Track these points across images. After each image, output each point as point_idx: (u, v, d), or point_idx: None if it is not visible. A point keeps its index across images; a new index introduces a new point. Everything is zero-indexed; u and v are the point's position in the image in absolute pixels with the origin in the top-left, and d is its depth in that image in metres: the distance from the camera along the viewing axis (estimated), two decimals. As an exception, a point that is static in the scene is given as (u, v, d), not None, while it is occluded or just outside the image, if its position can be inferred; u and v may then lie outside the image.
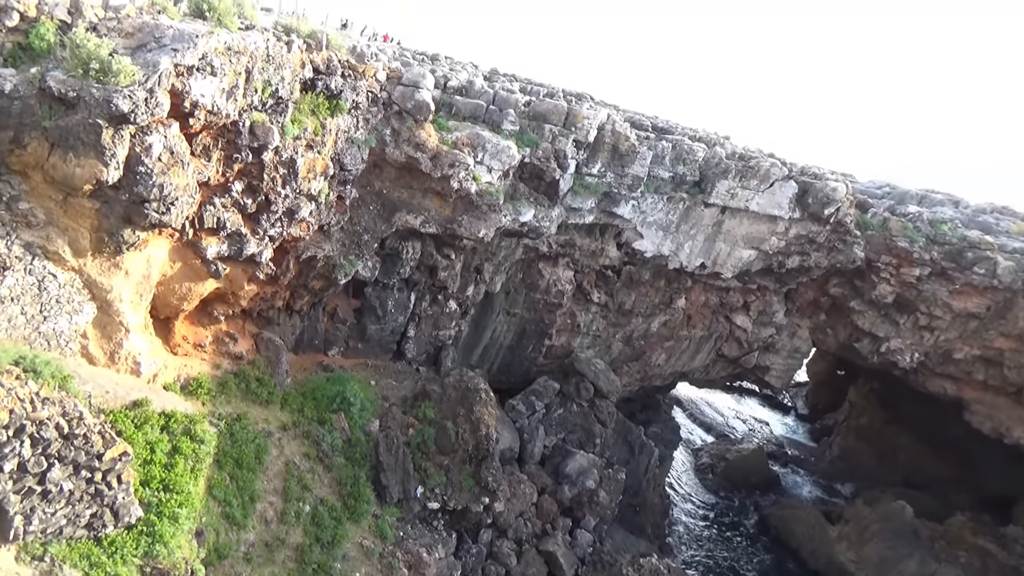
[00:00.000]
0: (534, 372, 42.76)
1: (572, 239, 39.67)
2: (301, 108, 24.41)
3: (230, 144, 21.85)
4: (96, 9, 18.08)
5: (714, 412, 69.76)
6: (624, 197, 38.25)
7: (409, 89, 29.45)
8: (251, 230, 24.00)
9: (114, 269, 19.74)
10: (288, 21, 24.66)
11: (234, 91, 20.41)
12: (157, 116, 18.04)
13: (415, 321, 35.89)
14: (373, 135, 28.77)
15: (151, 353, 22.38)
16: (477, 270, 37.03)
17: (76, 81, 16.59)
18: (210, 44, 18.89)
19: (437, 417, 31.80)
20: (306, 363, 31.69)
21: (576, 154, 35.43)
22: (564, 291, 40.62)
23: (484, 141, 31.19)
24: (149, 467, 19.51)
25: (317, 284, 29.91)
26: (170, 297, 23.30)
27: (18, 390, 15.22)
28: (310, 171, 25.22)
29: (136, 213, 18.83)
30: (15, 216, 17.54)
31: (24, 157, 17.15)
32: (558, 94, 39.75)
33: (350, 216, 29.52)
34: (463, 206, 31.67)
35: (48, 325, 18.37)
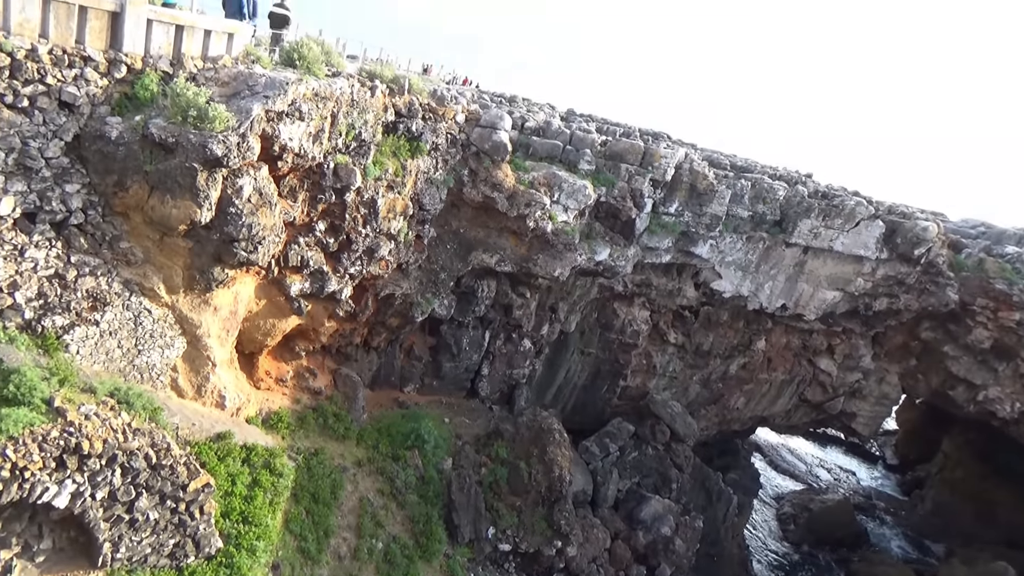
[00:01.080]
0: (608, 413, 42.09)
1: (648, 279, 39.20)
2: (383, 150, 25.12)
3: (315, 185, 22.63)
4: (196, 60, 19.13)
5: (796, 459, 66.90)
6: (702, 236, 37.67)
7: (487, 130, 29.95)
8: (332, 268, 24.65)
9: (204, 305, 20.54)
10: (372, 67, 25.54)
11: (320, 135, 21.18)
12: (248, 159, 18.83)
13: (489, 359, 35.96)
14: (451, 175, 29.31)
15: (235, 387, 23.07)
16: (552, 309, 36.95)
17: (175, 127, 17.51)
18: (299, 91, 19.69)
19: (510, 457, 31.56)
20: (382, 399, 32.07)
21: (653, 193, 35.19)
22: (640, 331, 40.05)
23: (560, 181, 31.34)
24: (230, 499, 19.95)
25: (394, 321, 30.39)
26: (255, 333, 24.06)
27: (112, 421, 15.88)
28: (390, 211, 25.81)
29: (226, 252, 19.60)
30: (116, 255, 18.51)
31: (126, 199, 18.14)
32: (634, 133, 39.74)
33: (428, 255, 30.02)
34: (539, 245, 31.78)
35: (142, 358, 19.18)
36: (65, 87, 16.70)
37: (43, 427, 14.42)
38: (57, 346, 17.23)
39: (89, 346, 17.84)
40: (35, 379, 15.33)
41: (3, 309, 16.50)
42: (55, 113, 16.81)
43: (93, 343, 17.93)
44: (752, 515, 51.69)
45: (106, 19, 17.13)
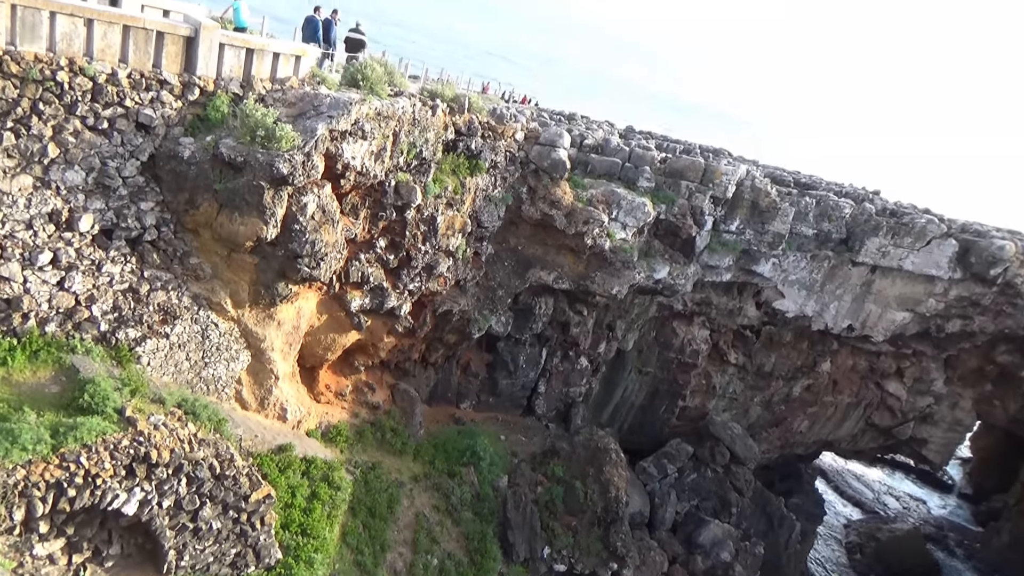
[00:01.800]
0: (666, 434, 41.36)
1: (708, 297, 38.55)
2: (443, 168, 25.42)
3: (376, 203, 23.03)
4: (264, 82, 19.75)
5: (863, 486, 64.45)
6: (764, 255, 36.89)
7: (546, 148, 30.02)
8: (392, 284, 24.98)
9: (268, 320, 21.04)
10: (433, 87, 25.96)
11: (382, 153, 21.57)
12: (312, 178, 19.30)
13: (546, 377, 35.82)
14: (510, 193, 29.45)
15: (297, 400, 23.52)
16: (609, 327, 36.64)
17: (244, 147, 18.07)
18: (362, 110, 20.11)
19: (566, 476, 31.27)
20: (439, 415, 32.24)
21: (713, 211, 34.66)
22: (699, 351, 39.36)
23: (619, 198, 31.16)
24: (289, 511, 20.28)
25: (452, 338, 30.58)
26: (316, 347, 24.52)
27: (179, 431, 16.34)
28: (449, 228, 26.06)
29: (290, 268, 20.07)
30: (186, 270, 19.15)
31: (196, 216, 18.78)
32: (694, 150, 39.29)
33: (485, 272, 30.16)
34: (597, 263, 31.61)
35: (208, 371, 19.74)
36: (142, 109, 17.43)
37: (115, 436, 14.93)
38: (129, 357, 17.86)
39: (159, 358, 18.44)
40: (108, 389, 15.90)
41: (81, 321, 17.21)
42: (132, 134, 17.55)
43: (163, 355, 18.53)
44: (816, 543, 49.93)
45: (181, 44, 17.85)
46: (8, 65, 15.18)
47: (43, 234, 16.50)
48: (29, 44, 15.53)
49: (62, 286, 16.83)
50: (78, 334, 17.15)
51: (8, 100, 15.36)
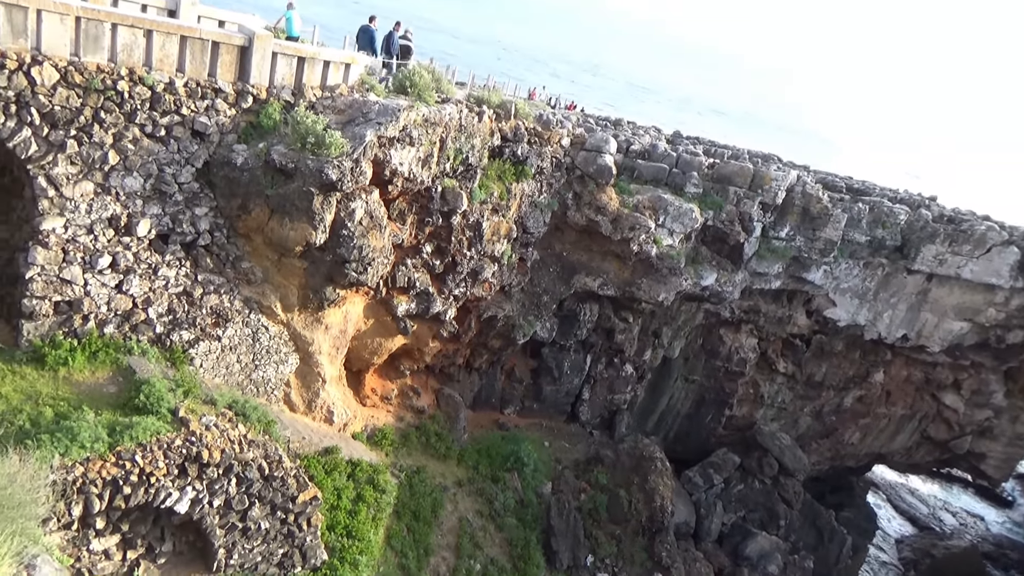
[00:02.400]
0: (712, 443, 40.70)
1: (756, 305, 37.85)
2: (488, 174, 25.50)
3: (423, 208, 23.21)
4: (315, 90, 20.09)
5: (917, 500, 62.43)
6: (815, 262, 36.10)
7: (592, 154, 29.89)
8: (438, 290, 25.13)
9: (316, 324, 21.36)
10: (480, 93, 26.07)
11: (429, 159, 21.74)
12: (361, 183, 19.54)
13: (590, 383, 35.59)
14: (555, 199, 29.40)
15: (343, 403, 23.81)
16: (655, 334, 36.25)
17: (295, 153, 18.41)
18: (410, 117, 20.31)
19: (610, 484, 31.01)
20: (482, 420, 32.28)
21: (762, 217, 34.05)
22: (747, 359, 38.65)
23: (666, 204, 30.84)
24: (335, 512, 20.51)
25: (496, 343, 30.62)
26: (362, 351, 24.80)
27: (229, 432, 16.67)
28: (494, 234, 26.12)
29: (337, 272, 20.34)
30: (238, 274, 19.56)
31: (248, 222, 19.18)
32: (743, 155, 38.69)
33: (530, 277, 30.14)
34: (642, 269, 31.32)
35: (258, 373, 20.11)
36: (198, 117, 17.89)
37: (168, 435, 15.32)
38: (183, 359, 18.32)
39: (211, 360, 18.86)
40: (163, 390, 16.33)
41: (137, 323, 17.71)
42: (188, 141, 18.03)
43: (215, 357, 18.95)
44: (867, 558, 48.54)
45: (235, 53, 18.27)
46: (72, 75, 15.74)
47: (103, 238, 17.04)
48: (92, 55, 16.08)
49: (120, 289, 17.35)
50: (135, 336, 17.65)
51: (72, 109, 15.92)
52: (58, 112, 15.78)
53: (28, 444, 13.26)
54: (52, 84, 15.52)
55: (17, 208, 17.77)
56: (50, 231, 16.28)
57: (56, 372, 16.19)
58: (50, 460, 13.06)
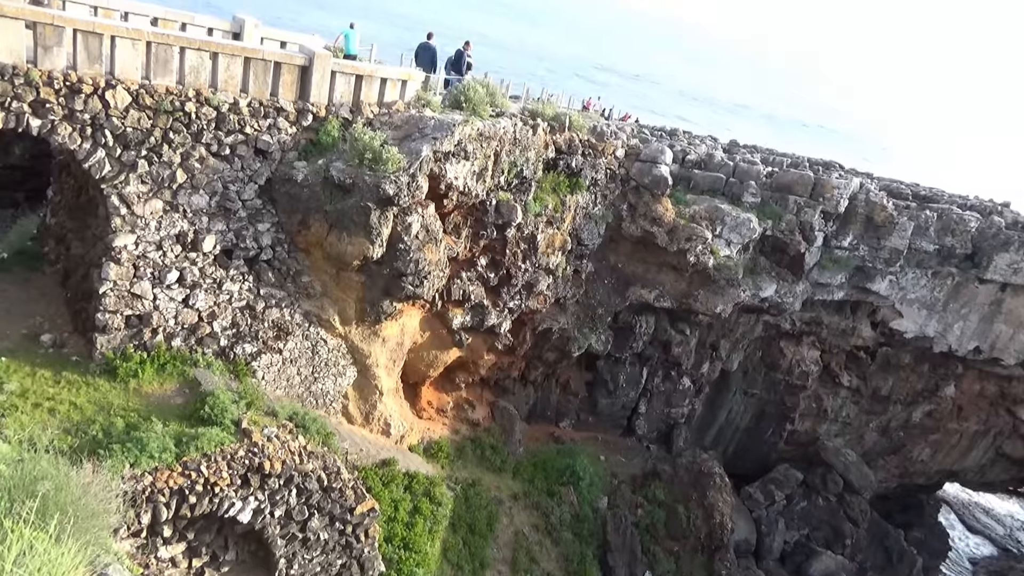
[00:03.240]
0: (773, 459, 39.69)
1: (818, 316, 36.87)
2: (543, 186, 25.53)
3: (477, 222, 23.36)
4: (372, 107, 20.45)
5: (993, 520, 59.58)
6: (880, 272, 35.01)
7: (647, 165, 29.64)
8: (493, 302, 25.20)
9: (373, 337, 21.65)
10: (534, 106, 26.14)
11: (484, 173, 21.88)
12: (417, 198, 19.77)
13: (647, 397, 35.15)
14: (610, 210, 29.24)
15: (400, 416, 24.03)
16: (713, 347, 35.62)
17: (353, 169, 18.75)
18: (465, 131, 20.49)
19: (667, 499, 30.50)
20: (538, 433, 32.16)
21: (824, 226, 33.23)
22: (809, 372, 37.62)
23: (723, 214, 30.36)
24: (392, 524, 20.68)
25: (551, 356, 30.52)
26: (418, 364, 25.02)
27: (290, 443, 16.98)
28: (549, 246, 26.10)
29: (394, 286, 20.59)
30: (298, 288, 19.98)
31: (308, 237, 19.59)
32: (803, 163, 37.86)
33: (585, 290, 29.99)
34: (699, 280, 30.86)
35: (317, 385, 20.47)
36: (260, 135, 18.40)
37: (232, 446, 15.68)
38: (246, 371, 18.77)
39: (273, 372, 19.28)
40: (227, 402, 16.74)
41: (203, 336, 18.23)
42: (251, 159, 18.54)
43: (276, 370, 19.37)
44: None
45: (296, 73, 18.75)
46: (143, 98, 16.36)
47: (171, 254, 17.62)
48: (161, 78, 16.70)
49: (187, 303, 17.90)
50: (200, 348, 18.17)
51: (142, 130, 16.55)
52: (130, 133, 16.42)
53: (100, 454, 13.75)
54: (124, 107, 16.16)
55: (92, 226, 18.53)
56: (122, 247, 16.90)
57: (127, 384, 16.77)
58: (121, 470, 13.50)
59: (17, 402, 15.01)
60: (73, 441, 14.29)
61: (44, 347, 17.41)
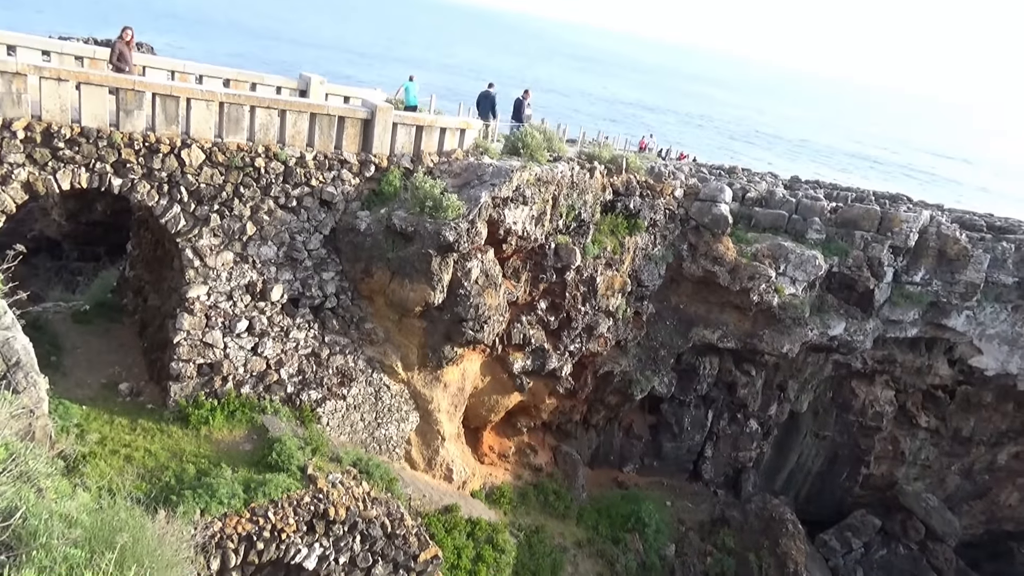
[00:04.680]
0: (848, 504, 38.01)
1: (891, 354, 35.51)
2: (601, 228, 25.53)
3: (536, 265, 23.45)
4: (432, 156, 20.93)
5: (1094, 572, 55.54)
6: (955, 307, 33.59)
7: (706, 204, 29.38)
8: (553, 346, 25.13)
9: (435, 382, 21.80)
10: (591, 149, 26.34)
11: (542, 217, 22.05)
12: (476, 243, 20.02)
13: (712, 440, 34.26)
14: (670, 251, 28.99)
15: (462, 461, 23.99)
16: (780, 387, 34.61)
17: (414, 217, 19.14)
18: (522, 177, 20.75)
19: (737, 547, 29.45)
20: (601, 478, 31.61)
21: (893, 261, 32.19)
22: (883, 413, 36.12)
23: (786, 252, 29.75)
24: (455, 572, 20.50)
25: (613, 399, 30.15)
26: (480, 408, 25.03)
27: (354, 489, 17.12)
28: (608, 288, 25.98)
29: (455, 331, 20.76)
30: (361, 334, 20.35)
31: (371, 284, 20.00)
32: (868, 197, 36.93)
33: (646, 331, 29.64)
34: (764, 320, 30.17)
35: (381, 431, 20.66)
36: (325, 187, 19.00)
37: (298, 492, 15.90)
38: (311, 417, 19.10)
39: (337, 418, 19.56)
40: (293, 448, 17.03)
41: (271, 384, 18.67)
42: (317, 210, 19.14)
43: (340, 416, 19.64)
44: (1037, 637, 43.37)
45: (359, 126, 19.38)
46: (216, 155, 17.14)
47: (241, 304, 18.20)
48: (233, 135, 17.48)
49: (256, 351, 18.41)
50: (268, 395, 18.60)
51: (215, 186, 17.30)
52: (203, 189, 17.18)
53: (173, 500, 14.11)
54: (199, 164, 16.95)
55: (168, 278, 19.33)
56: (195, 298, 17.56)
57: (198, 431, 17.26)
58: (192, 516, 13.81)
59: (96, 449, 15.58)
60: (148, 488, 14.72)
61: (122, 395, 18.11)
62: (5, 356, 8.57)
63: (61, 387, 16.89)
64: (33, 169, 15.38)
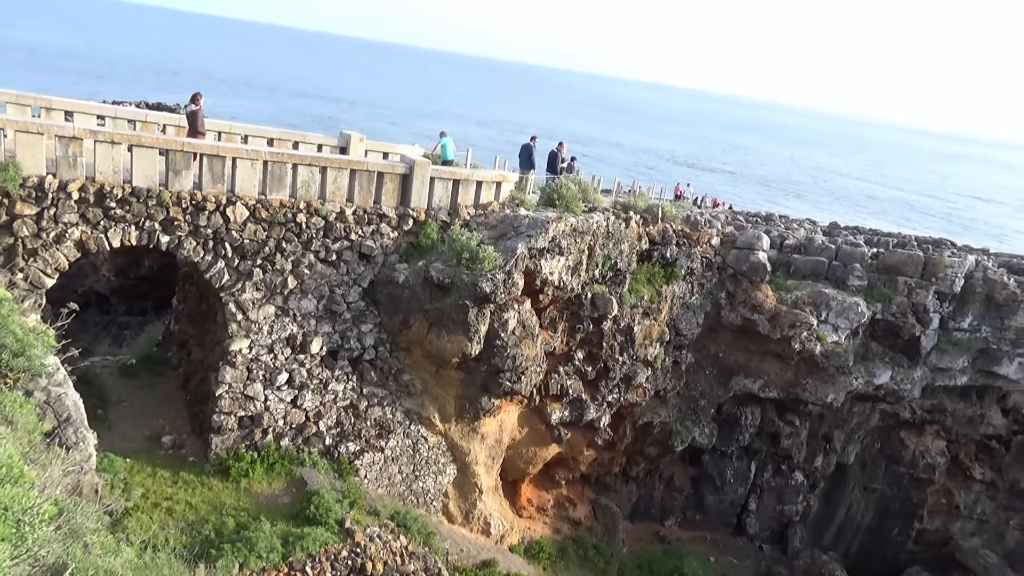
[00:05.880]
0: (902, 560, 36.42)
1: (941, 403, 34.40)
2: (638, 277, 25.46)
3: (573, 315, 23.41)
4: (469, 208, 21.23)
5: None
6: (1007, 354, 32.55)
7: (744, 252, 29.18)
8: (591, 396, 24.89)
9: (472, 434, 21.68)
10: (626, 199, 26.48)
11: (578, 267, 22.09)
12: (513, 294, 20.10)
13: (756, 493, 33.33)
14: (708, 299, 28.75)
15: (500, 514, 23.66)
16: (825, 438, 33.68)
17: (451, 269, 19.33)
18: (558, 228, 20.89)
19: (786, 606, 28.36)
20: (642, 532, 30.86)
21: (939, 307, 31.44)
22: (935, 465, 34.85)
23: (827, 299, 29.28)
24: (495, 629, 20.04)
25: (653, 451, 29.62)
26: (517, 461, 24.76)
27: (391, 543, 16.98)
28: (646, 337, 25.77)
29: (492, 382, 20.71)
30: (400, 386, 20.42)
31: (409, 335, 20.14)
32: (910, 243, 36.31)
33: (685, 381, 29.23)
34: (807, 368, 29.55)
35: (418, 483, 20.53)
36: (364, 241, 19.35)
37: (335, 546, 15.82)
38: (349, 470, 19.09)
39: (375, 471, 19.52)
40: (331, 501, 17.02)
41: (309, 436, 18.76)
42: (356, 263, 19.46)
43: (378, 468, 19.60)
44: None
45: (398, 181, 19.79)
46: (259, 211, 17.62)
47: (281, 356, 18.46)
48: (276, 192, 17.98)
49: (295, 403, 18.57)
50: (307, 448, 18.68)
51: (258, 241, 17.74)
52: (247, 244, 17.62)
53: (212, 554, 14.14)
54: (243, 220, 17.43)
55: (211, 331, 19.72)
56: (237, 351, 17.86)
57: (238, 483, 17.36)
58: (231, 571, 13.80)
59: (139, 502, 15.74)
60: (188, 541, 14.79)
61: (164, 448, 18.35)
62: (57, 412, 8.80)
63: (106, 440, 17.17)
64: (86, 228, 15.97)
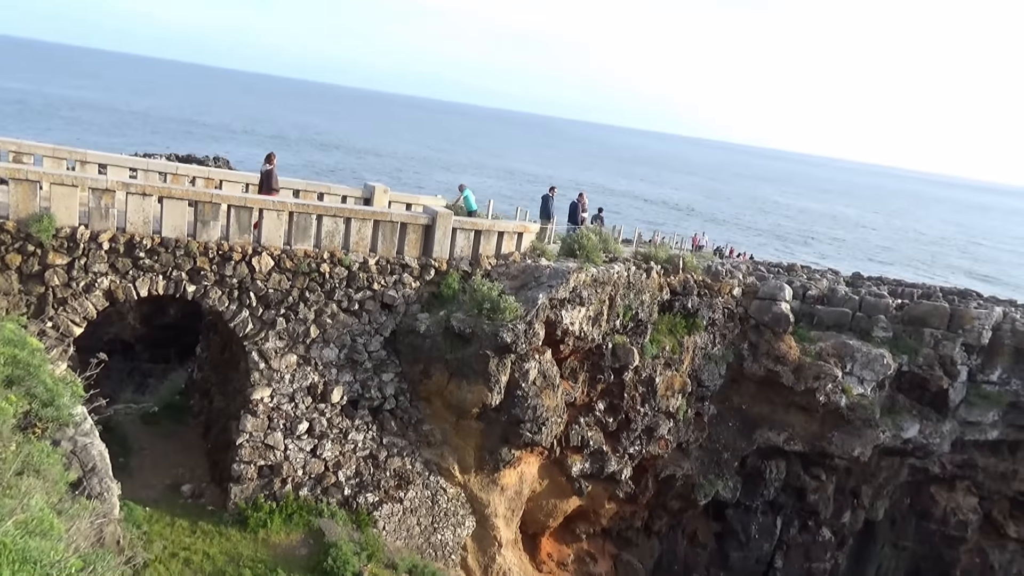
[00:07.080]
0: (937, 623, 35.13)
1: (972, 458, 33.52)
2: (659, 328, 25.35)
3: (594, 366, 23.29)
4: (490, 259, 21.38)
5: None
6: (1039, 408, 31.81)
7: (766, 302, 29.01)
8: (612, 448, 24.58)
9: (492, 485, 21.42)
10: (647, 249, 26.54)
11: (599, 317, 22.06)
12: (534, 344, 20.07)
13: (783, 549, 32.42)
14: (730, 350, 28.51)
15: (519, 569, 23.19)
16: (853, 493, 32.86)
17: (472, 319, 19.39)
18: (579, 278, 20.95)
19: (816, 670, 27.30)
20: (665, 589, 30.10)
21: (967, 359, 30.90)
22: (967, 522, 33.80)
23: (852, 350, 28.91)
24: None
25: (676, 504, 29.03)
26: (537, 513, 24.38)
27: (410, 599, 16.66)
28: (668, 389, 25.53)
29: (512, 433, 20.55)
30: (419, 436, 20.31)
31: (429, 385, 20.12)
32: (936, 294, 35.90)
33: (708, 433, 28.80)
34: (832, 421, 29.03)
35: (437, 536, 20.24)
36: (387, 291, 19.51)
37: (353, 602, 15.55)
38: (367, 521, 18.89)
39: (394, 522, 19.30)
40: (348, 553, 16.80)
41: (328, 486, 18.65)
42: (378, 313, 19.59)
43: (397, 520, 19.38)
44: None
45: (420, 231, 20.04)
46: (284, 261, 17.88)
47: (302, 405, 18.49)
48: (300, 243, 18.26)
49: (315, 453, 18.52)
50: (325, 498, 18.55)
51: (282, 291, 17.95)
52: (271, 294, 17.83)
53: (230, 608, 13.96)
54: (268, 270, 17.68)
55: (233, 380, 19.83)
56: (259, 400, 17.92)
57: (256, 534, 17.22)
58: (248, 625, 13.61)
59: (157, 552, 15.65)
60: (205, 593, 14.64)
61: (184, 497, 18.31)
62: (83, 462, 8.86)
63: (127, 488, 17.13)
64: (115, 277, 16.28)
